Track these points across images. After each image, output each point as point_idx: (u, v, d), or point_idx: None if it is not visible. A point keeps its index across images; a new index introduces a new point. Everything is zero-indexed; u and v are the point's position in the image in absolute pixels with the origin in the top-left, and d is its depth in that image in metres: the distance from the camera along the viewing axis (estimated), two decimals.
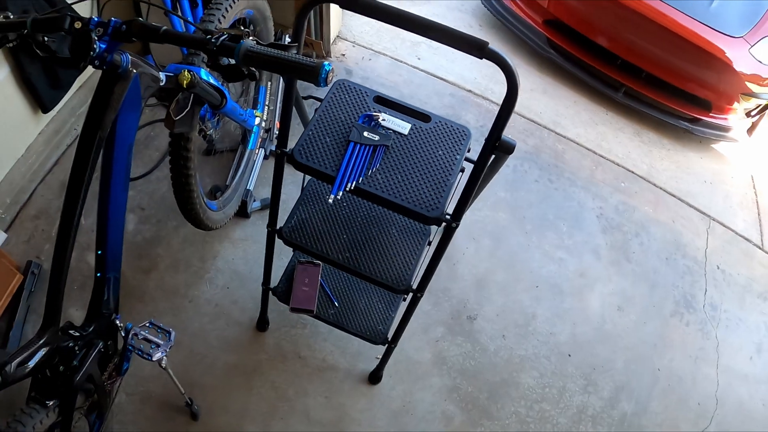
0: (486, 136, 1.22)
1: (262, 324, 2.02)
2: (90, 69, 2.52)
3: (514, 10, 3.02)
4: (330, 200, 1.33)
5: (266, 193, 2.33)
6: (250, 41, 0.94)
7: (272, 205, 1.55)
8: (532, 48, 3.03)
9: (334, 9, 2.60)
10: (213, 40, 0.96)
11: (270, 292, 1.83)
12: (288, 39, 2.48)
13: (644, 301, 2.43)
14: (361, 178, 1.37)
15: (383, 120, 1.46)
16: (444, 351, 2.12)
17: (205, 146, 2.32)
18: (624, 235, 2.58)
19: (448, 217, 1.37)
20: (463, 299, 2.21)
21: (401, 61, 2.80)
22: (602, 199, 2.65)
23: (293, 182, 2.36)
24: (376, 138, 1.43)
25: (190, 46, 0.99)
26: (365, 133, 1.43)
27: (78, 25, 1.05)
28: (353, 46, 2.88)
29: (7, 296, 1.99)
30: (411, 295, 1.58)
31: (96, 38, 1.02)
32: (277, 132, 2.39)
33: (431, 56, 2.85)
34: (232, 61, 0.96)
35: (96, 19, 1.06)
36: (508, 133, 1.22)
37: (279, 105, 2.41)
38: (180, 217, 2.24)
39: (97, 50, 1.02)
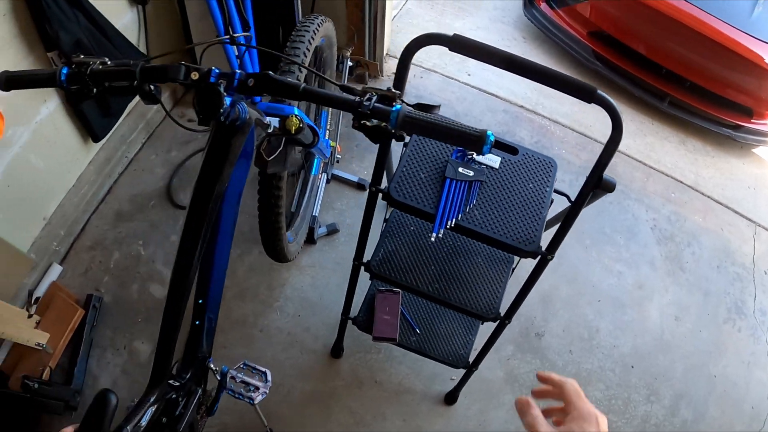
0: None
1: (337, 351, 2.03)
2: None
3: (557, 21, 3.02)
4: (432, 239, 1.34)
5: (330, 218, 2.35)
6: (406, 106, 0.93)
7: (360, 239, 1.56)
8: (576, 59, 3.03)
9: (386, 27, 2.60)
10: (365, 103, 0.93)
11: (350, 321, 1.84)
12: (349, 62, 2.47)
13: (699, 310, 2.45)
14: (460, 215, 1.39)
15: (476, 155, 1.47)
16: (515, 368, 2.13)
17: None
18: (677, 246, 2.59)
19: (543, 250, 1.38)
20: (531, 316, 2.23)
21: (452, 78, 2.80)
22: (655, 211, 2.67)
23: (358, 206, 2.37)
24: (471, 174, 1.44)
25: (339, 107, 0.98)
26: (460, 169, 1.44)
27: (195, 76, 0.98)
28: None
29: (69, 332, 1.99)
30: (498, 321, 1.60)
31: (224, 93, 0.97)
32: (339, 156, 2.40)
33: (480, 72, 2.86)
34: (381, 123, 0.94)
35: (216, 70, 1.00)
36: (563, 148, 1.24)
37: (339, 127, 2.42)
38: (244, 245, 2.26)
39: (226, 105, 0.98)
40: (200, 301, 1.37)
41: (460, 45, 1.17)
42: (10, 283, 1.95)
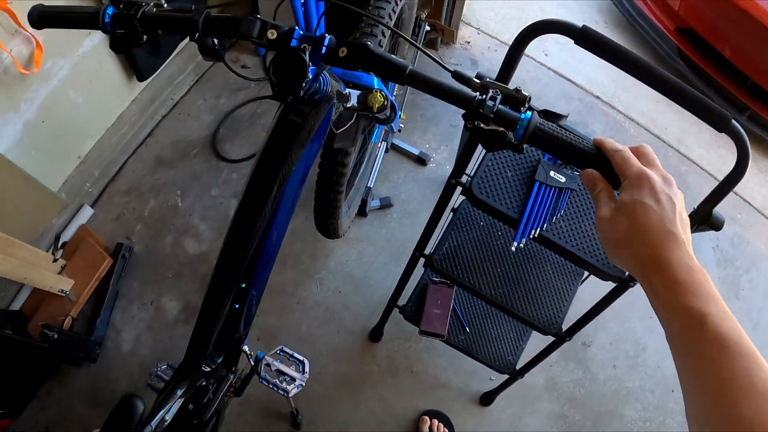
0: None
1: (377, 335, 1.95)
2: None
3: (645, 11, 2.79)
4: (513, 248, 1.22)
5: (384, 191, 2.22)
6: (536, 115, 0.76)
7: (426, 230, 1.44)
8: (658, 54, 2.81)
9: None
10: (488, 103, 0.76)
11: (396, 309, 1.74)
12: (427, 26, 2.29)
13: None
14: (545, 225, 1.26)
15: None
16: (556, 377, 2.04)
17: None
18: (736, 270, 2.44)
19: (627, 275, 1.26)
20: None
21: (528, 56, 2.62)
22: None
23: (415, 181, 2.24)
24: (563, 180, 1.30)
25: (452, 102, 0.83)
26: (552, 173, 1.30)
27: (272, 35, 0.81)
28: (478, 33, 2.70)
29: (95, 280, 1.92)
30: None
31: (308, 62, 0.79)
32: (401, 125, 2.25)
33: (558, 52, 2.67)
34: (500, 128, 0.79)
35: (299, 31, 0.82)
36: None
37: (406, 95, 2.26)
38: None
39: (309, 77, 0.79)
40: (243, 285, 1.23)
41: (588, 39, 1.01)
42: (37, 223, 1.87)
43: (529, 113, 0.76)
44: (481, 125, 0.78)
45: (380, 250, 2.10)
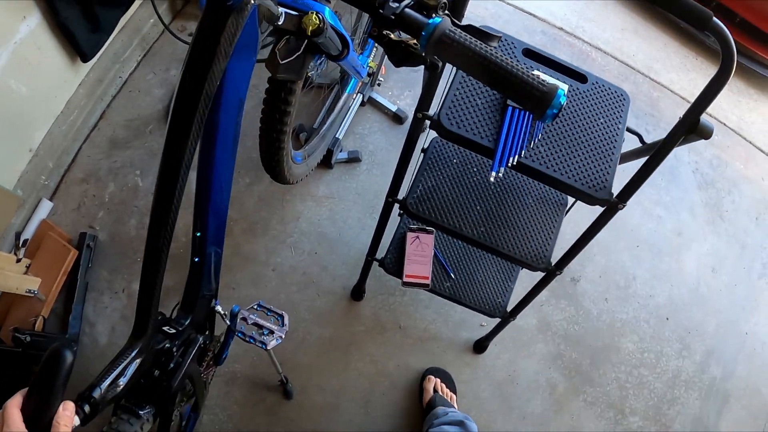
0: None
1: (358, 293, 1.85)
2: (133, 8, 2.22)
3: None
4: (491, 178, 1.12)
5: (353, 144, 2.10)
6: (448, 21, 0.66)
7: (397, 173, 1.33)
8: None
9: None
10: (391, 4, 0.67)
11: (376, 263, 1.64)
12: None
13: (735, 263, 2.28)
14: (523, 151, 1.16)
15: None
16: (548, 316, 1.97)
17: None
18: (717, 192, 2.39)
19: (614, 198, 1.17)
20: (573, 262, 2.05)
21: None
22: (697, 153, 2.43)
23: (385, 137, 2.12)
24: None
25: (352, 3, 0.71)
26: None
27: None
28: None
29: (62, 275, 1.79)
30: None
31: None
32: (381, 79, 2.11)
33: None
34: (411, 41, 0.67)
35: None
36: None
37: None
38: (253, 173, 2.03)
39: None
40: (198, 234, 1.15)
41: None
42: None
43: (438, 18, 0.65)
44: (388, 35, 0.68)
45: (352, 205, 1.99)
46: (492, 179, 1.12)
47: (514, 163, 1.13)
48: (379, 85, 2.13)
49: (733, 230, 2.35)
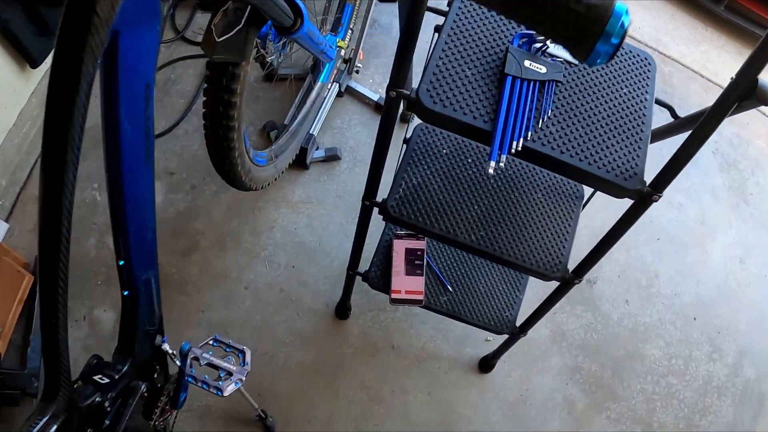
0: None
1: (343, 311, 1.56)
2: None
3: None
4: (490, 170, 0.83)
5: (331, 140, 1.81)
6: None
7: (372, 169, 1.04)
8: None
9: None
10: None
11: (359, 277, 1.36)
12: None
13: (764, 251, 1.99)
14: (530, 133, 0.87)
15: (550, 43, 0.93)
16: (563, 324, 1.68)
17: (264, 72, 1.80)
18: (740, 174, 2.09)
19: (648, 187, 0.89)
20: (580, 259, 1.75)
21: None
22: (716, 132, 2.13)
23: (370, 130, 1.83)
24: (543, 70, 0.90)
25: None
26: (527, 63, 0.90)
27: None
28: None
29: (18, 304, 1.51)
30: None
31: None
32: (359, 65, 1.82)
33: None
34: None
35: None
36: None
37: (366, 27, 1.82)
38: (220, 179, 1.74)
39: None
40: (121, 263, 0.89)
41: None
42: None
43: None
44: None
45: (333, 210, 1.70)
46: (491, 170, 0.83)
47: (519, 149, 0.85)
48: (357, 72, 1.84)
49: (759, 214, 2.05)
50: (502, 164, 0.83)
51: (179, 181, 1.73)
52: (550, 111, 0.89)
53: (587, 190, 1.18)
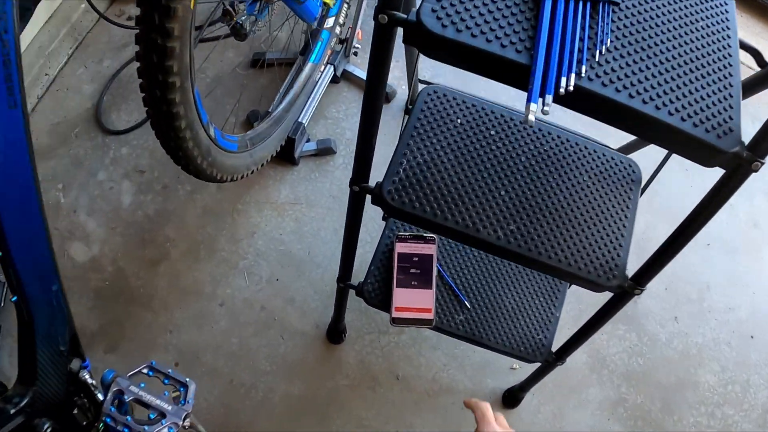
0: None
1: (336, 333, 1.27)
2: None
3: None
4: (530, 117, 0.54)
5: (325, 132, 1.53)
6: None
7: (363, 140, 0.76)
8: None
9: None
10: None
11: (353, 291, 1.06)
12: None
13: None
14: (583, 67, 0.58)
15: None
16: (603, 348, 1.37)
17: (251, 57, 1.56)
18: None
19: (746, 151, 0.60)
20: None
21: None
22: (761, 122, 1.83)
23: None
24: None
25: None
26: None
27: None
28: None
29: None
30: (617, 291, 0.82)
31: None
32: (357, 46, 1.54)
33: None
34: None
35: None
36: None
37: (364, 4, 1.54)
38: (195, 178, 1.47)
39: None
40: (14, 299, 0.67)
41: None
42: None
43: None
44: None
45: (325, 212, 1.41)
46: (531, 119, 0.54)
47: (570, 88, 0.56)
48: (355, 54, 1.56)
49: None
50: (547, 108, 0.54)
51: (150, 181, 1.45)
52: (608, 40, 0.60)
53: (644, 172, 0.90)
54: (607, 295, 0.85)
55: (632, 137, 1.11)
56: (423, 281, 1.00)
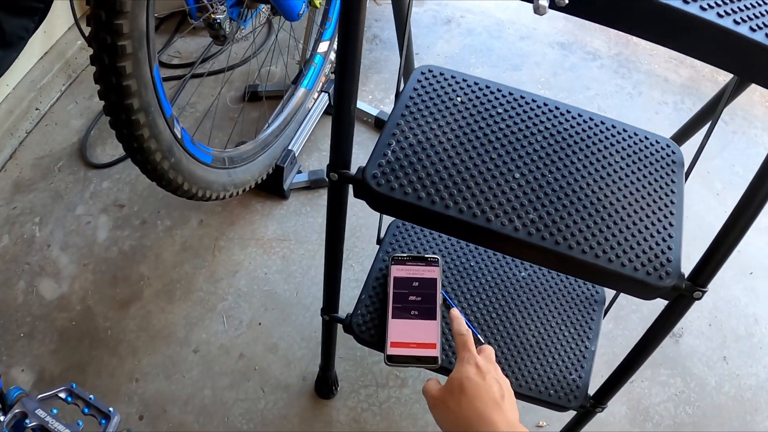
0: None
1: (326, 386, 1.01)
2: (60, 30, 1.65)
3: None
4: (543, 2, 0.34)
5: (318, 163, 1.34)
6: None
7: (339, 122, 0.55)
8: None
9: None
10: None
11: (341, 326, 0.82)
12: None
13: None
14: None
15: None
16: (644, 397, 1.09)
17: (242, 91, 1.40)
18: None
19: None
20: (656, 306, 1.19)
21: None
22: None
23: (357, 143, 1.36)
24: None
25: None
26: None
27: None
28: None
29: None
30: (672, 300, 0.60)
31: None
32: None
33: None
34: None
35: None
36: (654, 63, 0.51)
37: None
38: (177, 212, 1.26)
39: None
40: None
41: None
42: None
43: None
44: None
45: (316, 250, 1.19)
46: (542, 6, 0.33)
47: None
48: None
49: None
50: None
51: (128, 216, 1.26)
52: None
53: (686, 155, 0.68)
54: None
55: None
56: (425, 311, 0.76)
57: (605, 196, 0.61)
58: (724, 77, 1.75)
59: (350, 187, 0.61)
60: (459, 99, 0.66)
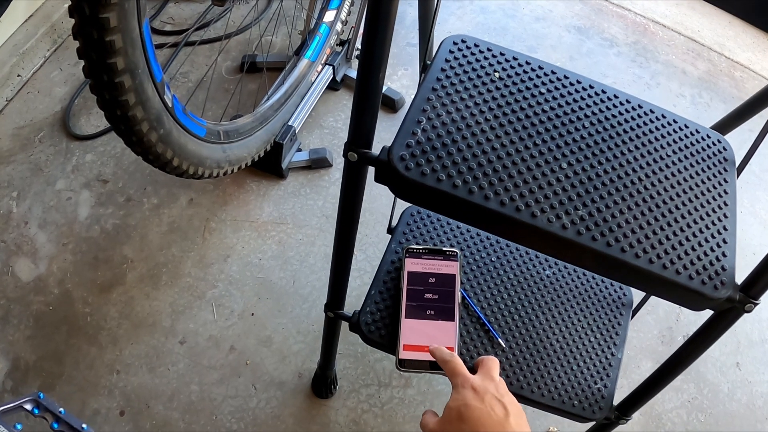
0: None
1: (324, 384, 0.94)
2: None
3: None
4: None
5: (320, 141, 1.26)
6: None
7: (362, 95, 0.47)
8: None
9: None
10: None
11: (346, 324, 0.75)
12: None
13: None
14: None
15: None
16: (657, 403, 1.05)
17: (240, 61, 1.34)
18: None
19: None
20: (672, 309, 1.14)
21: None
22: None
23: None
24: None
25: None
26: None
27: None
28: None
29: None
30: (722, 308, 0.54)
31: None
32: (359, 47, 1.30)
33: None
34: None
35: None
36: (672, 53, 0.42)
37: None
38: (164, 189, 1.18)
39: None
40: None
41: None
42: None
43: None
44: None
45: (316, 235, 1.12)
46: None
47: None
48: (358, 58, 1.32)
49: None
50: None
51: (112, 192, 1.18)
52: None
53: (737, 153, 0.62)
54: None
55: None
56: (442, 311, 0.70)
57: (658, 194, 0.54)
58: (740, 73, 1.69)
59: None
60: (497, 74, 0.58)
